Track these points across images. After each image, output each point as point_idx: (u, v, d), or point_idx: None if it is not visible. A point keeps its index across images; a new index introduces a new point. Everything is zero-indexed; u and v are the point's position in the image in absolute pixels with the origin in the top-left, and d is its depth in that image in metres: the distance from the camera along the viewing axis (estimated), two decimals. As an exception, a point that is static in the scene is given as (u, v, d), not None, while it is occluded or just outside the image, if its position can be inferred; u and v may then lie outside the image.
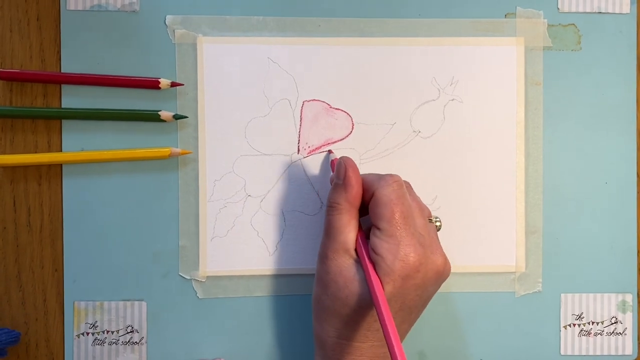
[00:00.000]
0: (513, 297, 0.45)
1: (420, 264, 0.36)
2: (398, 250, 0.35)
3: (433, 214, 0.41)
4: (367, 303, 0.36)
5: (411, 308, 0.37)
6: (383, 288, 0.35)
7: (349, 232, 0.37)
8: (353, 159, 0.39)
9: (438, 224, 0.40)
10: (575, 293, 0.45)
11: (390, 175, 0.38)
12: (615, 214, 0.45)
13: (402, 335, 0.38)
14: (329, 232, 0.38)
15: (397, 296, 0.35)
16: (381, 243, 0.36)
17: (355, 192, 0.38)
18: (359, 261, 0.37)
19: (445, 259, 0.38)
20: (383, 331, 0.32)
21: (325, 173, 0.44)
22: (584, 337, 0.45)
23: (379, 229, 0.36)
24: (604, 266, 0.45)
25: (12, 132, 0.43)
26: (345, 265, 0.37)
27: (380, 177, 0.38)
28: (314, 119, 0.44)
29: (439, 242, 0.38)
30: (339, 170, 0.39)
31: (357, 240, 0.37)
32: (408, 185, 0.40)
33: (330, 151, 0.44)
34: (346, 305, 0.36)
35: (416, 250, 0.36)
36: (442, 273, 0.37)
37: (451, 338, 0.45)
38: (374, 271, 0.35)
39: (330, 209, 0.38)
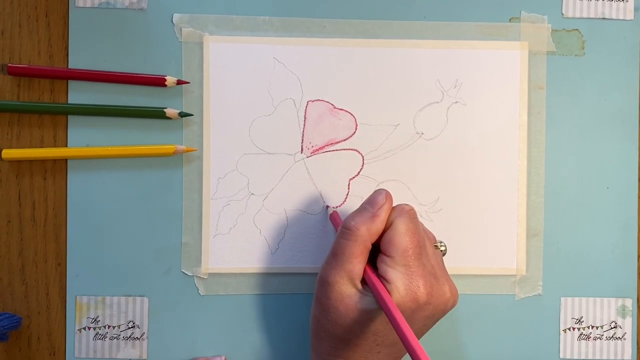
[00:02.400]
0: (513, 299, 0.45)
1: (431, 296, 0.35)
2: (411, 281, 0.35)
3: (437, 238, 0.40)
4: (372, 330, 0.35)
5: (416, 334, 0.37)
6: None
7: (358, 262, 0.36)
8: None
9: (443, 248, 0.39)
10: (575, 297, 0.45)
11: (405, 204, 0.38)
12: (616, 218, 0.45)
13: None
14: (338, 256, 0.36)
15: None
16: (393, 272, 0.35)
17: (380, 225, 0.37)
18: (362, 291, 0.36)
19: (455, 290, 0.37)
20: (409, 352, 0.31)
21: (328, 172, 0.44)
22: (583, 341, 0.45)
23: (390, 257, 0.36)
24: (604, 271, 0.45)
25: (19, 127, 0.43)
26: (347, 294, 0.36)
27: (395, 208, 0.38)
28: (318, 119, 0.44)
29: (446, 271, 0.38)
30: (377, 199, 0.37)
31: (365, 268, 0.36)
32: (414, 212, 0.39)
33: (328, 206, 0.44)
34: (348, 332, 0.36)
35: (426, 281, 0.35)
36: (451, 304, 0.37)
37: (451, 340, 0.45)
38: (387, 294, 0.34)
39: (347, 232, 0.37)
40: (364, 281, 0.36)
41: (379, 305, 0.35)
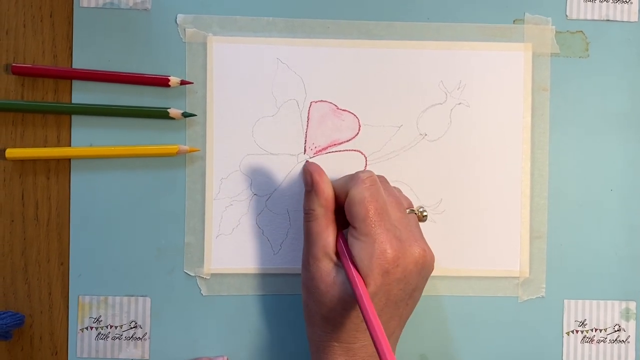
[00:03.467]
0: (516, 302, 0.45)
1: (397, 258, 0.36)
2: (374, 248, 0.35)
3: (417, 204, 0.41)
4: (350, 305, 0.36)
5: (397, 302, 0.37)
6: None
7: (327, 236, 0.38)
8: (319, 165, 0.41)
9: (424, 214, 0.40)
10: (578, 299, 0.45)
11: (362, 172, 0.38)
12: (621, 221, 0.45)
13: (393, 331, 0.38)
14: (308, 238, 0.39)
15: (380, 293, 0.36)
16: (357, 243, 0.36)
17: (326, 195, 0.38)
18: (339, 264, 0.37)
19: (424, 249, 0.37)
20: (369, 329, 0.32)
21: (331, 173, 0.44)
22: (586, 344, 0.44)
23: (355, 228, 0.37)
24: (608, 273, 0.45)
25: (22, 126, 0.43)
26: (325, 270, 0.37)
27: (352, 177, 0.38)
28: (321, 119, 0.44)
29: (421, 233, 0.39)
30: (305, 177, 0.40)
31: (337, 242, 0.38)
32: (383, 179, 0.40)
33: (307, 161, 0.44)
34: (331, 309, 0.36)
35: (392, 245, 0.36)
36: (423, 264, 0.37)
37: (453, 342, 0.44)
38: (355, 269, 0.35)
39: (306, 215, 0.39)
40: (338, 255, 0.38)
41: (349, 280, 0.35)
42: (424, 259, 0.37)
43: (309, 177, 0.40)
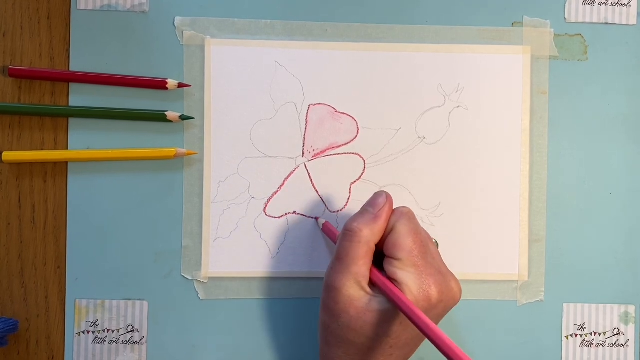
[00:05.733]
0: (515, 305, 0.44)
1: (442, 294, 0.36)
2: (422, 281, 0.35)
3: (434, 239, 0.41)
4: (383, 332, 0.35)
5: (422, 337, 0.37)
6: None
7: (363, 264, 0.36)
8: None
9: (438, 244, 0.40)
10: (577, 303, 0.44)
11: (402, 207, 0.38)
12: (620, 224, 0.45)
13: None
14: (343, 260, 0.36)
15: None
16: (403, 273, 0.35)
17: (382, 226, 0.37)
18: (371, 293, 0.36)
19: (459, 284, 0.38)
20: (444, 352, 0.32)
21: (329, 176, 0.44)
22: (585, 348, 0.44)
23: (398, 259, 0.36)
24: (607, 277, 0.45)
25: (19, 129, 0.43)
26: (356, 297, 0.36)
27: (393, 212, 0.38)
28: (319, 122, 0.44)
29: (446, 266, 0.38)
30: (377, 200, 0.38)
31: (372, 271, 0.36)
32: (413, 213, 0.40)
33: (317, 218, 0.44)
34: (361, 335, 0.36)
35: (436, 279, 0.36)
36: (458, 298, 0.37)
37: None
38: (402, 294, 0.35)
39: (350, 234, 0.37)
40: (371, 284, 0.36)
41: (395, 306, 0.35)
42: (459, 294, 0.37)
43: (381, 201, 0.37)
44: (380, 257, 0.37)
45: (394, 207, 0.38)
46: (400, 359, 0.37)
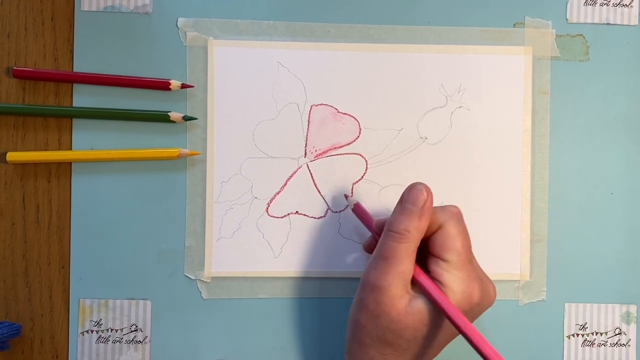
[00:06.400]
0: (517, 305, 0.45)
1: (482, 298, 0.36)
2: (466, 285, 0.35)
3: None
4: (421, 334, 0.35)
5: (454, 336, 0.37)
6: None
7: (409, 263, 0.36)
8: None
9: None
10: (579, 303, 0.45)
11: (453, 206, 0.38)
12: (621, 224, 0.45)
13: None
14: (388, 259, 0.36)
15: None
16: (449, 275, 0.35)
17: (427, 223, 0.36)
18: (412, 293, 0.36)
19: (494, 288, 0.38)
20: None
21: (331, 177, 0.44)
22: (587, 348, 0.44)
23: (445, 261, 0.36)
24: (609, 277, 0.45)
25: (23, 130, 0.43)
26: (399, 297, 0.35)
27: (443, 209, 0.37)
28: (321, 123, 0.44)
29: None
30: (417, 196, 0.36)
31: (415, 270, 0.36)
32: (462, 214, 0.39)
33: (347, 196, 0.44)
34: (400, 337, 0.35)
35: (480, 285, 0.36)
36: (493, 302, 0.38)
37: (453, 345, 0.44)
38: (444, 295, 0.35)
39: (397, 236, 0.36)
40: (412, 282, 0.36)
41: (438, 309, 0.35)
42: (495, 296, 0.38)
43: (421, 197, 0.36)
44: (419, 253, 0.37)
45: (441, 206, 0.38)
46: (430, 357, 0.37)
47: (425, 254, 0.37)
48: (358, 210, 0.42)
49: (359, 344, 0.37)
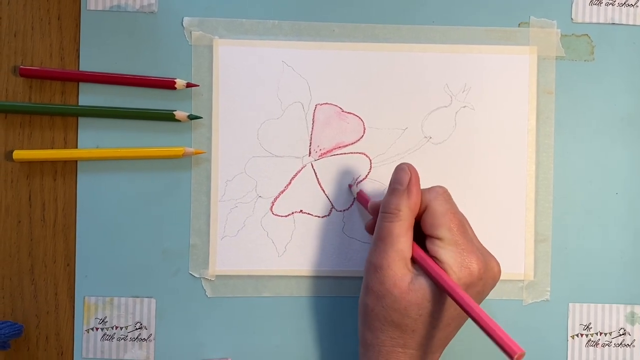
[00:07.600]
0: (521, 305, 0.45)
1: (482, 272, 0.36)
2: (463, 258, 0.36)
3: None
4: (426, 311, 0.36)
5: (461, 318, 0.37)
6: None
7: (406, 241, 0.37)
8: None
9: None
10: (583, 303, 0.44)
11: (439, 186, 0.38)
12: (626, 224, 0.45)
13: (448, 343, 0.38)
14: (385, 239, 0.37)
15: None
16: (445, 252, 0.36)
17: (417, 199, 0.37)
18: (414, 271, 0.36)
19: (499, 263, 0.38)
20: (483, 328, 0.32)
21: (335, 176, 0.44)
22: (591, 348, 0.44)
23: (438, 238, 0.36)
24: (613, 277, 0.45)
25: (30, 128, 0.44)
26: (400, 275, 0.36)
27: (428, 190, 0.38)
28: (326, 122, 0.44)
29: None
30: (401, 175, 0.38)
31: (414, 248, 0.37)
32: (448, 193, 0.40)
33: (351, 185, 0.44)
34: (405, 316, 0.36)
35: (478, 257, 0.36)
36: (498, 278, 0.38)
37: (457, 344, 0.44)
38: (443, 271, 0.35)
39: (390, 215, 0.37)
40: (413, 261, 0.37)
41: (437, 284, 0.35)
42: (499, 273, 0.38)
43: (405, 176, 0.38)
44: (418, 236, 0.38)
45: (428, 187, 0.38)
46: (441, 340, 0.37)
47: (423, 237, 0.38)
48: (360, 198, 0.43)
49: (369, 330, 0.37)
